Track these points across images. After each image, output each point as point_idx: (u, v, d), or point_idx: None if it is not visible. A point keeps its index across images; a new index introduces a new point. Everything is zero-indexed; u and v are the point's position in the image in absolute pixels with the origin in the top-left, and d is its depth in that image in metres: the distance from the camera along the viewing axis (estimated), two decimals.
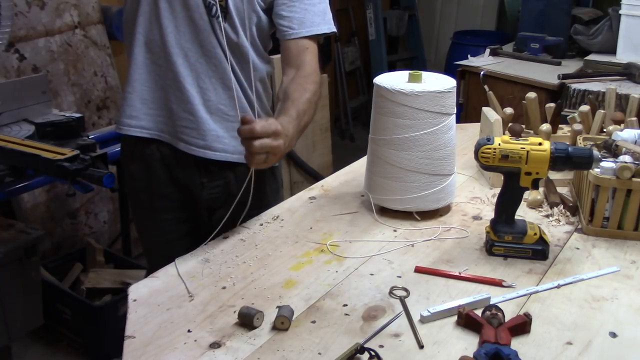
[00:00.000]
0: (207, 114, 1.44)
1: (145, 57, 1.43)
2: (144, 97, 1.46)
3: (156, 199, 1.54)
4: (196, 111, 1.43)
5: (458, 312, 1.02)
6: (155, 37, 1.41)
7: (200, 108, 1.43)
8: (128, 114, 1.47)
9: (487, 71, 2.79)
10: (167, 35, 1.39)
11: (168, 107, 1.45)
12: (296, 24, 1.44)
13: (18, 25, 2.54)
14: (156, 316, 1.03)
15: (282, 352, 0.95)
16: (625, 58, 2.86)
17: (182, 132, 1.45)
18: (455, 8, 5.49)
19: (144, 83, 1.45)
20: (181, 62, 1.41)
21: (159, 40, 1.41)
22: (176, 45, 1.40)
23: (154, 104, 1.46)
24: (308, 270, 1.18)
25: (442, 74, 1.44)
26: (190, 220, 1.56)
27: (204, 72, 1.42)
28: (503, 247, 1.23)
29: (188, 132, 1.45)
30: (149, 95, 1.45)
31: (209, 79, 1.43)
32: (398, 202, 1.38)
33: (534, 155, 1.18)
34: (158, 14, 1.39)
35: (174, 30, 1.39)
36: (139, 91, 1.45)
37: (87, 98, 2.88)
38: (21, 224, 2.03)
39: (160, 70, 1.43)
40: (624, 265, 1.20)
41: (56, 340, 2.53)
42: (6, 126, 2.12)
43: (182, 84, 1.42)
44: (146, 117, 1.47)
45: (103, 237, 2.95)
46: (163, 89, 1.45)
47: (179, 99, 1.43)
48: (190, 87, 1.42)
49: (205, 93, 1.44)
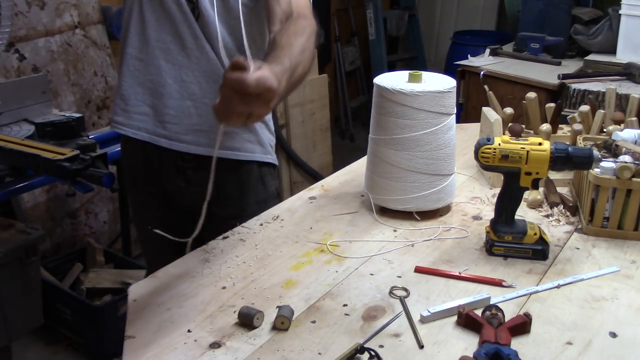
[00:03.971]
0: (192, 108, 1.42)
1: (128, 53, 1.42)
2: (123, 93, 1.45)
3: (147, 196, 1.56)
4: (179, 106, 1.41)
5: (458, 312, 1.02)
6: (137, 31, 1.40)
7: (183, 103, 1.41)
8: (114, 110, 1.48)
9: (487, 71, 2.79)
10: (149, 29, 1.38)
11: (150, 103, 1.43)
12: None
13: (18, 25, 2.54)
14: (156, 316, 1.03)
15: (282, 352, 0.95)
16: (625, 58, 2.86)
17: (164, 128, 1.44)
18: (455, 8, 5.49)
19: (125, 79, 1.44)
20: (162, 55, 1.39)
21: (141, 34, 1.39)
22: (157, 39, 1.39)
23: (136, 100, 1.44)
24: (308, 270, 1.18)
25: (442, 74, 1.44)
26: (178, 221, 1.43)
27: (186, 66, 1.40)
28: (503, 247, 1.23)
29: (170, 128, 1.43)
30: (130, 91, 1.44)
31: (192, 72, 1.40)
32: (398, 202, 1.38)
33: (534, 155, 1.19)
34: (141, 8, 1.38)
35: (155, 24, 1.38)
36: (122, 87, 1.45)
37: (87, 98, 2.88)
38: (21, 224, 2.03)
39: (141, 65, 1.42)
40: (624, 265, 1.20)
41: (56, 340, 2.53)
42: (6, 126, 2.12)
43: (164, 78, 1.40)
44: (125, 113, 1.46)
45: (103, 237, 2.95)
46: (143, 84, 1.43)
47: (160, 94, 1.41)
48: (172, 82, 1.40)
49: (189, 87, 1.41)
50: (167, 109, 1.42)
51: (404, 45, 5.52)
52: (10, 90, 2.17)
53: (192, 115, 1.43)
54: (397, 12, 5.18)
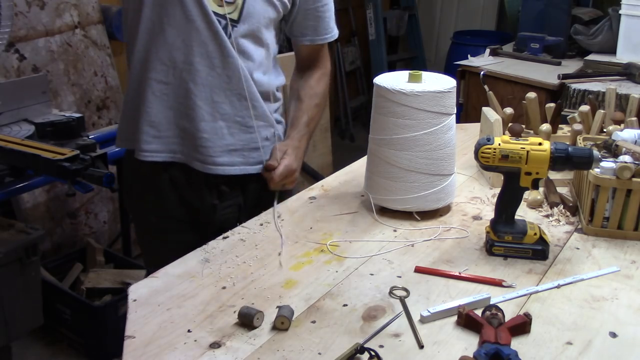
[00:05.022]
0: (225, 128, 1.41)
1: (151, 78, 1.37)
2: (152, 119, 1.39)
3: (165, 221, 1.49)
4: (211, 128, 1.39)
5: (458, 312, 1.02)
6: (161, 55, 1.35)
7: (215, 124, 1.39)
8: (141, 139, 1.40)
9: (487, 71, 2.79)
10: (174, 52, 1.34)
11: (181, 127, 1.40)
12: (311, 32, 1.52)
13: (18, 25, 2.54)
14: (156, 316, 1.03)
15: (282, 352, 0.95)
16: (625, 58, 2.86)
17: (197, 151, 1.40)
18: (455, 8, 5.49)
19: (152, 105, 1.39)
20: (191, 78, 1.36)
21: (165, 58, 1.35)
22: (184, 61, 1.35)
23: (167, 124, 1.40)
24: (308, 270, 1.18)
25: (442, 74, 1.44)
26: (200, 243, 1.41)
27: (216, 86, 1.38)
28: (503, 247, 1.23)
29: (203, 151, 1.40)
30: (159, 116, 1.39)
31: (223, 91, 1.39)
32: (398, 202, 1.38)
33: (534, 155, 1.18)
34: (164, 31, 1.33)
35: (181, 45, 1.34)
36: (150, 114, 1.39)
37: (87, 98, 2.88)
38: (21, 224, 2.03)
39: (168, 89, 1.38)
40: (624, 265, 1.20)
41: (56, 340, 2.53)
42: (6, 126, 2.12)
43: (194, 100, 1.37)
44: (157, 140, 1.40)
45: (103, 237, 2.95)
46: (173, 107, 1.39)
47: (191, 117, 1.38)
48: (203, 104, 1.37)
49: (221, 107, 1.39)
50: (199, 132, 1.39)
51: (404, 45, 5.52)
52: (10, 90, 2.17)
53: (225, 136, 1.41)
54: (397, 12, 5.18)
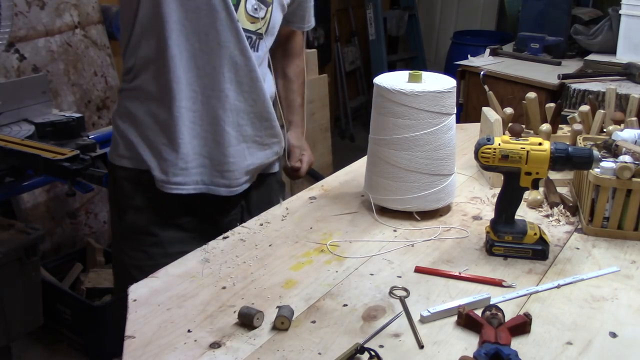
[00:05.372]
0: (246, 149, 1.42)
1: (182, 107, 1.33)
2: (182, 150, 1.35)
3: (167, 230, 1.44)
4: (236, 152, 1.39)
5: (458, 312, 1.02)
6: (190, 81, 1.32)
7: (239, 147, 1.40)
8: (169, 172, 1.36)
9: (487, 71, 2.79)
10: (204, 78, 1.32)
11: (205, 155, 1.38)
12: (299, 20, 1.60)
13: (18, 25, 2.54)
14: (156, 316, 1.03)
15: (282, 352, 0.95)
16: (625, 58, 2.86)
17: (222, 176, 1.40)
18: (455, 8, 5.49)
19: (183, 135, 1.34)
20: (220, 104, 1.35)
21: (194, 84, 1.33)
22: (213, 88, 1.34)
23: (194, 154, 1.37)
24: (308, 270, 1.18)
25: (442, 74, 1.44)
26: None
27: (242, 110, 1.38)
28: (503, 247, 1.23)
29: (228, 175, 1.40)
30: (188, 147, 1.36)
31: (247, 114, 1.39)
32: (398, 202, 1.38)
33: (534, 155, 1.18)
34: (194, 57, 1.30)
35: (212, 72, 1.32)
36: (181, 145, 1.35)
37: (87, 98, 2.88)
38: (21, 224, 2.03)
39: (196, 116, 1.35)
40: (624, 265, 1.20)
41: (56, 340, 2.53)
42: (6, 126, 2.12)
43: (222, 127, 1.36)
44: (185, 172, 1.37)
45: (103, 237, 2.95)
46: (200, 135, 1.36)
47: (220, 143, 1.37)
48: (231, 129, 1.37)
49: (244, 130, 1.40)
50: (226, 157, 1.39)
51: (404, 45, 5.53)
52: (10, 90, 2.17)
53: (246, 157, 1.43)
54: (397, 12, 5.18)
